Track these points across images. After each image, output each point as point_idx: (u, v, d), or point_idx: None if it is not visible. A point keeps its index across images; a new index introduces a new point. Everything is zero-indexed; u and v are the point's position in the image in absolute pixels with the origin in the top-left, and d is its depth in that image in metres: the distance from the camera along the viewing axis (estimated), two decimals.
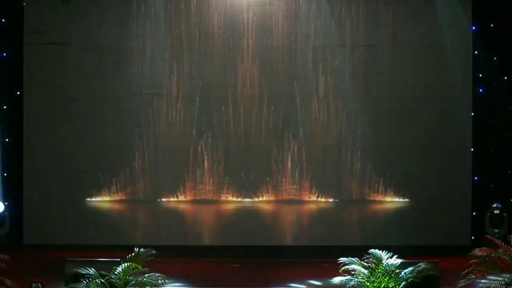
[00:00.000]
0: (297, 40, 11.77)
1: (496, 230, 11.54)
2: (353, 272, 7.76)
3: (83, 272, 7.68)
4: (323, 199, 11.77)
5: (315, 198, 11.73)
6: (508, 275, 7.93)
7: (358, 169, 11.52)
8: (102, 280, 7.57)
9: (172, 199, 11.81)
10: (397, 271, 7.73)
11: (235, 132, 11.79)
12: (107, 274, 7.65)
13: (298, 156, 11.80)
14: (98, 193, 11.81)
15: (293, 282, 9.18)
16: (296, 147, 11.78)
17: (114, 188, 11.81)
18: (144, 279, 7.71)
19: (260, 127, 11.78)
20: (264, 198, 11.80)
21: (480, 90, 11.93)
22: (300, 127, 11.78)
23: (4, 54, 11.85)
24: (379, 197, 11.77)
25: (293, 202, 11.75)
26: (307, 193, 11.67)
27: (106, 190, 11.81)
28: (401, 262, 7.82)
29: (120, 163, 11.79)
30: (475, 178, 11.92)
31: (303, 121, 11.78)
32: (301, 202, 11.72)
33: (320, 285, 8.92)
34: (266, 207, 11.81)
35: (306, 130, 11.78)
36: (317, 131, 11.74)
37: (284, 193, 11.80)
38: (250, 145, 11.79)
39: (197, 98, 11.76)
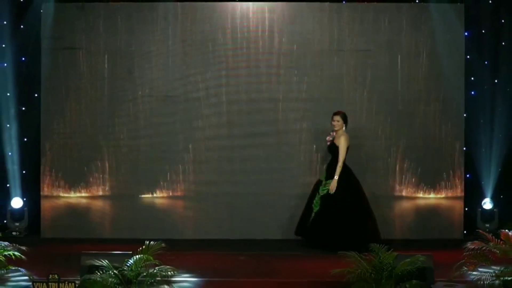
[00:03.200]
0: (298, 45, 11.96)
1: (487, 225, 11.93)
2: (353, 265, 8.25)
3: (97, 264, 8.15)
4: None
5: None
6: (498, 267, 8.42)
7: (356, 170, 11.39)
8: (115, 272, 8.03)
9: (179, 195, 11.99)
10: (393, 263, 8.16)
11: (237, 133, 11.98)
12: (120, 266, 8.12)
13: (299, 157, 11.98)
14: (111, 190, 12.04)
15: (299, 275, 9.40)
16: (296, 150, 11.96)
17: (125, 186, 12.06)
18: (155, 271, 8.18)
19: (263, 128, 11.97)
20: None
21: (472, 92, 12.14)
22: (300, 129, 11.94)
23: (23, 59, 12.15)
24: (377, 194, 11.88)
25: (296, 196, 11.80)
26: (306, 190, 11.61)
27: (119, 188, 12.04)
28: (397, 255, 8.27)
29: (131, 163, 12.03)
30: (468, 176, 12.15)
31: (302, 123, 11.95)
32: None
33: (323, 277, 9.01)
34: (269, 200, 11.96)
35: (307, 133, 11.94)
36: (318, 133, 11.79)
37: (288, 190, 11.93)
38: (252, 145, 11.98)
39: (204, 101, 11.97)
